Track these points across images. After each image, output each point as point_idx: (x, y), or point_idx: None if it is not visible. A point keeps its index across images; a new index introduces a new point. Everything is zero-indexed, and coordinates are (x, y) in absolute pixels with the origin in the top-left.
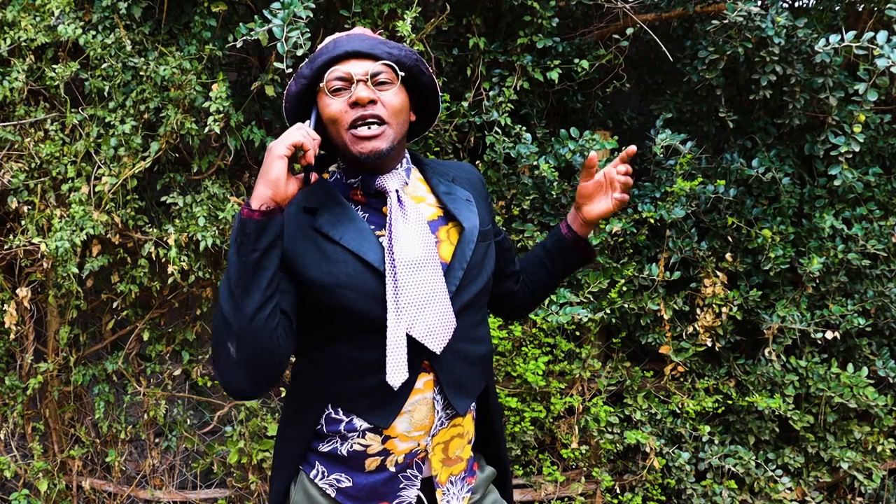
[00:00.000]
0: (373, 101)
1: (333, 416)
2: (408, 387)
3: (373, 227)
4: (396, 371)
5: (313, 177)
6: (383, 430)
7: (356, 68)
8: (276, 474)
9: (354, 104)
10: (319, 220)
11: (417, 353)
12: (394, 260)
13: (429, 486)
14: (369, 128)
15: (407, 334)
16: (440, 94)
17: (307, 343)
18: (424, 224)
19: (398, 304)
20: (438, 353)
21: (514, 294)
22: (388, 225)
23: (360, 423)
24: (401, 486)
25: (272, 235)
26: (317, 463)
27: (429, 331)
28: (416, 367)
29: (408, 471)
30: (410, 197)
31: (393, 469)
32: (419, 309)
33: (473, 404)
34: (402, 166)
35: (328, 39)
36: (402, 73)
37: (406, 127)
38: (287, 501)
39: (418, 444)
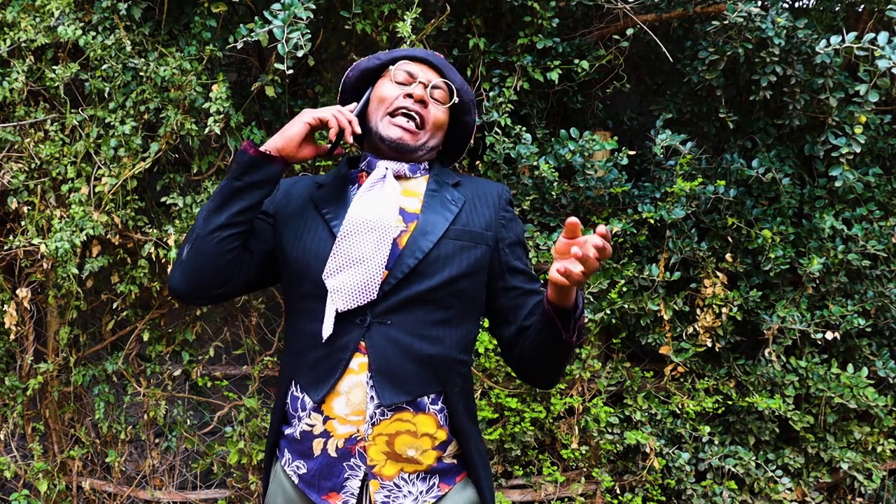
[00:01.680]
0: (423, 103)
1: (294, 393)
2: (342, 365)
3: None
4: (326, 324)
5: (348, 137)
6: (323, 409)
7: (424, 73)
8: (264, 466)
9: (409, 96)
10: (318, 193)
11: (357, 332)
12: (346, 217)
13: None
14: (408, 121)
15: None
16: (472, 139)
17: (286, 327)
18: (394, 200)
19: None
20: (340, 310)
21: (508, 345)
22: (359, 189)
23: (308, 400)
24: (345, 475)
25: (260, 177)
26: (285, 449)
27: (340, 286)
28: (352, 346)
29: (350, 459)
30: (405, 190)
31: (334, 454)
32: (345, 265)
33: (434, 408)
34: (413, 166)
35: (414, 48)
36: (456, 100)
37: (437, 143)
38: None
39: (357, 430)
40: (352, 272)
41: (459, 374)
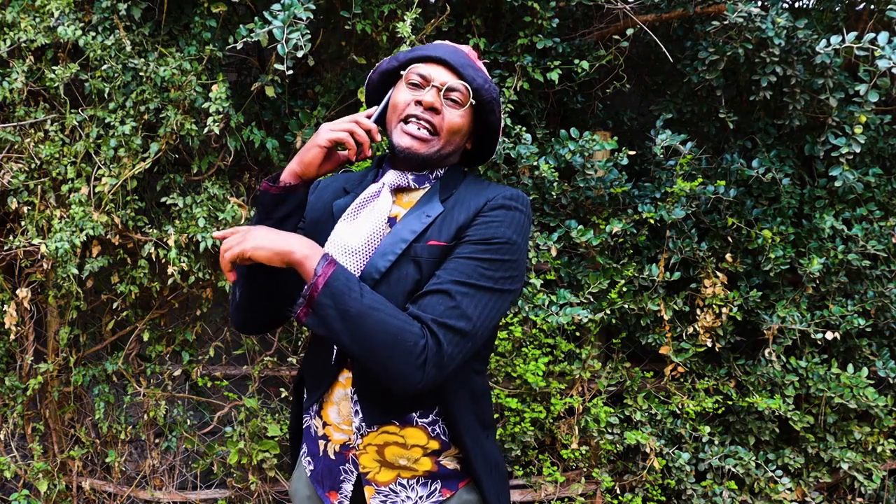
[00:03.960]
0: (435, 110)
1: (306, 391)
2: (331, 377)
3: None
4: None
5: (367, 151)
6: (322, 414)
7: (439, 75)
8: (291, 448)
9: (419, 103)
10: (339, 201)
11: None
12: (329, 241)
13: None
14: (419, 129)
15: None
16: (500, 138)
17: None
18: (381, 222)
19: None
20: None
21: None
22: (351, 207)
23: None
24: (340, 478)
25: (288, 208)
26: (304, 441)
27: None
28: (340, 360)
29: (345, 464)
30: (408, 202)
31: (333, 457)
32: None
33: (424, 420)
34: (423, 174)
35: (437, 42)
36: (474, 102)
37: (455, 149)
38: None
39: (349, 439)
40: None
41: (462, 386)
